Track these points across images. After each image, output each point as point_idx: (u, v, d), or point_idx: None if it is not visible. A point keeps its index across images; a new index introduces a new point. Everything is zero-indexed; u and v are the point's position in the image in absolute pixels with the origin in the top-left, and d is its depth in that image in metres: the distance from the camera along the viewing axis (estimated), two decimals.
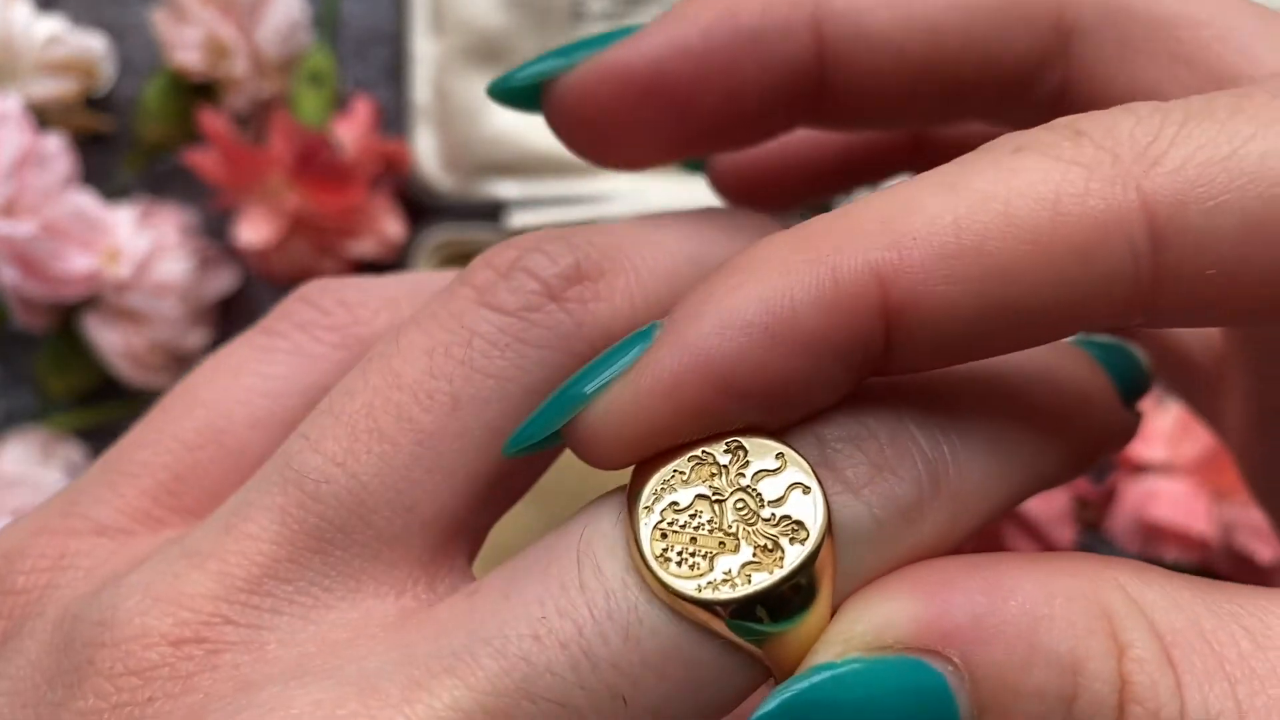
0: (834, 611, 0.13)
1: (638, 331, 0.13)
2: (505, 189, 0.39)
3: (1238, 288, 0.12)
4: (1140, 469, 0.35)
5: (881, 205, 0.13)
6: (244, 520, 0.14)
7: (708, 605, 0.12)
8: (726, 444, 0.13)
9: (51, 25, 0.39)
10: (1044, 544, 0.33)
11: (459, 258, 0.39)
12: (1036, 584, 0.12)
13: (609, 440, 0.13)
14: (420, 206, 0.40)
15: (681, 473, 0.13)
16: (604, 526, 0.13)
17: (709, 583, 0.12)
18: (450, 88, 0.39)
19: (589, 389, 0.13)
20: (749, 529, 0.13)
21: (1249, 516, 0.33)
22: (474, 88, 0.39)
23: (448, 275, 0.16)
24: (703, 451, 0.13)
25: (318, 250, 0.39)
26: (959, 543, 0.14)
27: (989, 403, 0.14)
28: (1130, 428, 0.16)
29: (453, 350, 0.14)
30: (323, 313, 0.16)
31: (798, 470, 0.13)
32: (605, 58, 0.16)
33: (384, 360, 0.14)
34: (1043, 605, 0.12)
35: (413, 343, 0.14)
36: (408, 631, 0.13)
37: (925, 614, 0.12)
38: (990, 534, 0.33)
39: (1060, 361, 0.15)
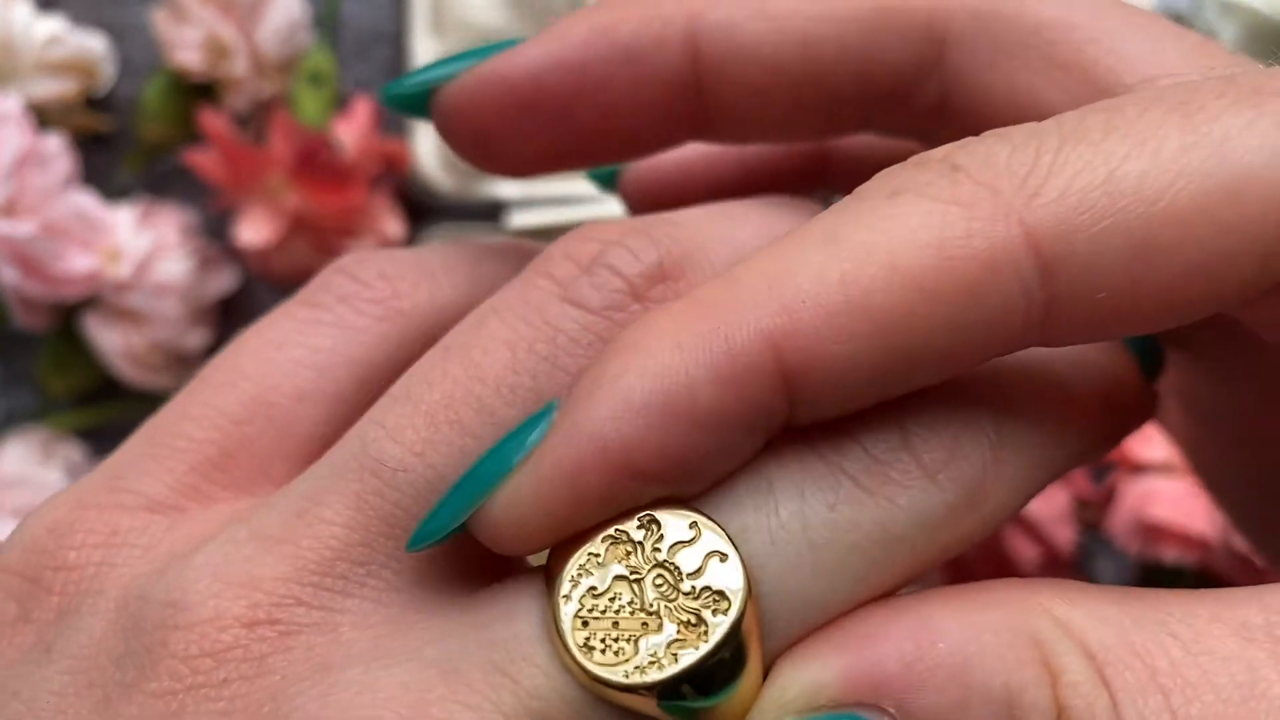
0: (767, 672, 0.12)
1: (536, 413, 0.13)
2: (504, 188, 0.39)
3: (1130, 306, 0.12)
4: (1139, 469, 0.35)
5: (767, 265, 0.13)
6: (317, 505, 0.14)
7: (635, 690, 0.12)
8: (639, 519, 0.13)
9: (52, 25, 0.39)
10: (1044, 544, 0.33)
11: None
12: (962, 622, 0.12)
13: (513, 532, 0.13)
14: (420, 206, 0.40)
15: (596, 554, 0.13)
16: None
17: (636, 667, 0.12)
18: None
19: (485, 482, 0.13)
20: (670, 605, 0.12)
21: None
22: None
23: (477, 246, 0.17)
24: (616, 530, 0.13)
25: (318, 250, 0.39)
26: (1000, 525, 0.14)
27: (1031, 387, 0.14)
28: (1151, 405, 0.16)
29: (536, 346, 0.14)
30: (364, 285, 0.16)
31: (714, 537, 0.12)
32: (485, 69, 0.16)
33: (464, 351, 0.14)
34: (971, 643, 0.12)
35: (494, 334, 0.14)
36: (481, 613, 0.13)
37: (855, 668, 0.12)
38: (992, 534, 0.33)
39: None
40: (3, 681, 0.14)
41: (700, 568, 0.12)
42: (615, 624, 0.12)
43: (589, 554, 0.13)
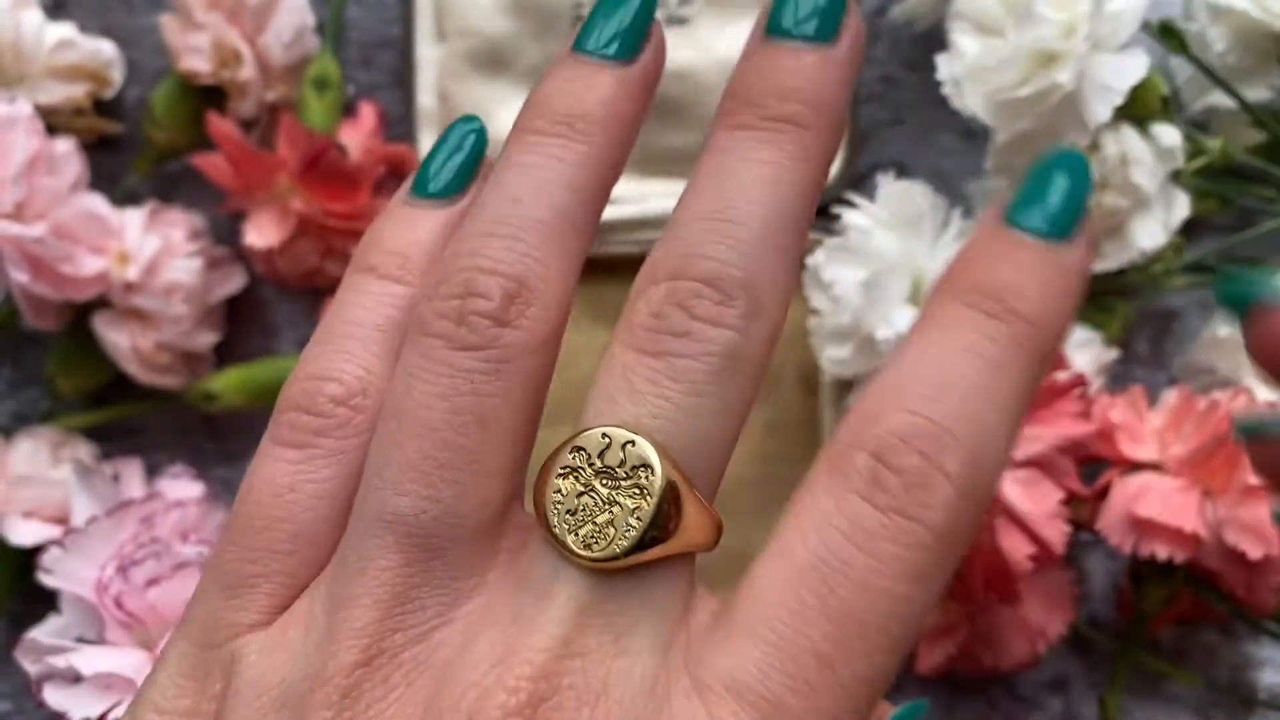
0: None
1: None
2: None
3: None
4: (1131, 468, 0.36)
5: None
6: (369, 561, 0.18)
7: (628, 551, 0.17)
8: (569, 449, 0.18)
9: (61, 30, 0.39)
10: (1036, 541, 0.33)
11: None
12: None
13: None
14: None
15: (558, 489, 0.18)
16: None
17: (620, 541, 0.17)
18: (453, 93, 0.39)
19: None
20: (618, 490, 0.18)
21: (1239, 514, 0.33)
22: (476, 93, 0.39)
23: (358, 327, 0.21)
24: (561, 467, 0.18)
25: (324, 252, 0.39)
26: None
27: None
28: None
29: (459, 387, 0.19)
30: (327, 415, 0.20)
31: (620, 433, 0.18)
32: None
33: (412, 415, 0.18)
34: None
35: (426, 394, 0.19)
36: (518, 575, 0.18)
37: None
38: (985, 531, 0.33)
39: None
40: None
41: (623, 458, 0.18)
42: (595, 525, 0.18)
43: (553, 492, 0.18)
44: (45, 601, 0.40)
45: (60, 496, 0.36)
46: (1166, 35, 0.37)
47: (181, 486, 0.38)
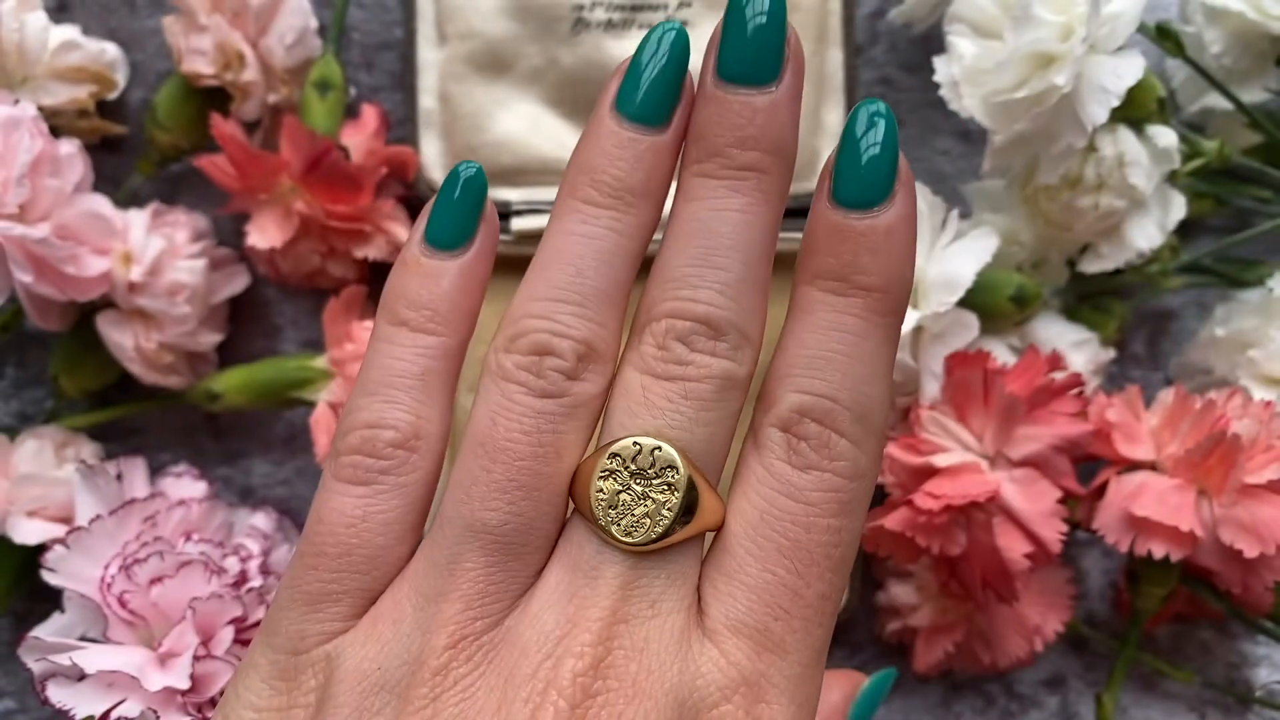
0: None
1: None
2: (508, 194, 0.40)
3: None
4: (1128, 467, 0.36)
5: None
6: (458, 563, 0.22)
7: (661, 537, 0.22)
8: (607, 457, 0.22)
9: (65, 32, 0.39)
10: (1033, 540, 0.34)
11: None
12: None
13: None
14: None
15: (600, 490, 0.22)
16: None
17: (656, 527, 0.22)
18: (454, 95, 0.40)
19: None
20: (651, 487, 0.22)
21: (1235, 513, 0.33)
22: (477, 95, 0.40)
23: (409, 367, 0.24)
24: (601, 470, 0.22)
25: (326, 253, 0.39)
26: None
27: None
28: None
29: (540, 420, 0.23)
30: (387, 457, 0.23)
31: (648, 442, 0.22)
32: None
33: (492, 444, 0.23)
34: None
35: (509, 429, 0.23)
36: (573, 573, 0.22)
37: None
38: (982, 530, 0.33)
39: None
40: None
41: (653, 461, 0.22)
42: (632, 514, 0.22)
43: (596, 492, 0.22)
44: (49, 600, 0.40)
45: (64, 496, 0.36)
46: (1163, 37, 0.37)
47: (184, 486, 0.38)
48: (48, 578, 0.33)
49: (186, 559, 0.33)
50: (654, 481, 0.22)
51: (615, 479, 0.22)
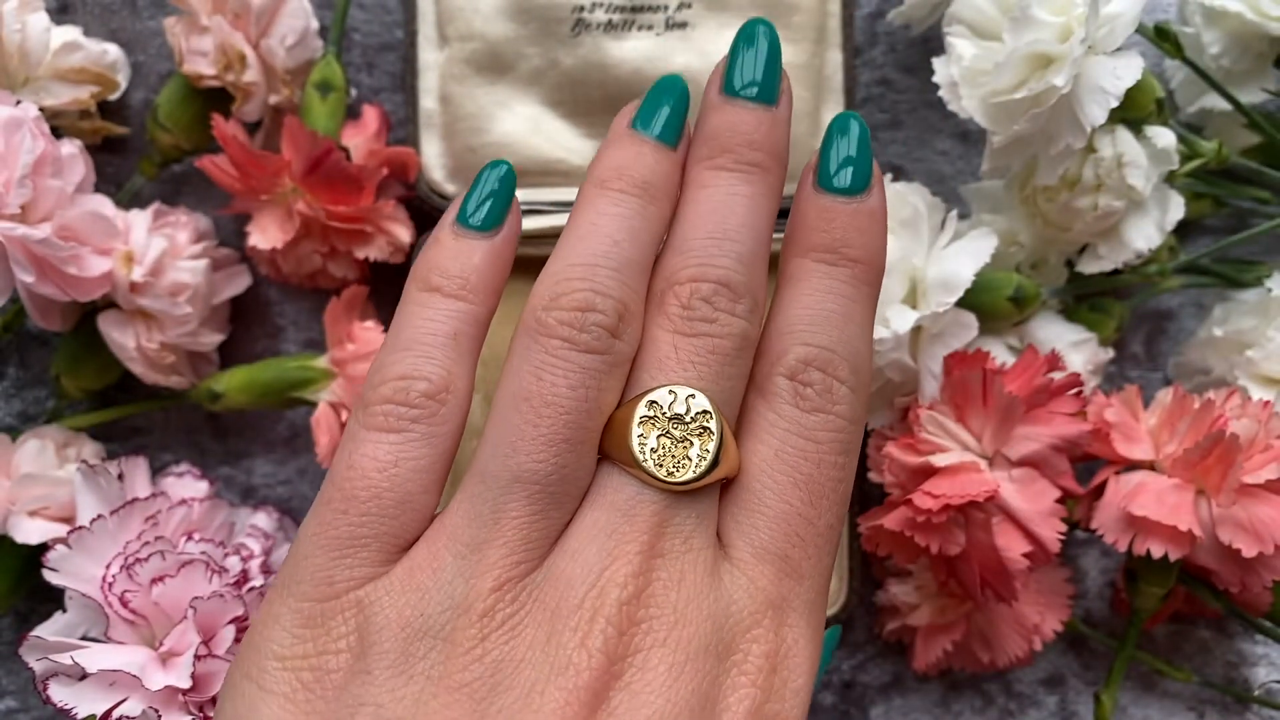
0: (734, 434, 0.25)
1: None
2: None
3: None
4: (1126, 467, 0.36)
5: None
6: (502, 511, 0.23)
7: (702, 478, 0.24)
8: (645, 404, 0.24)
9: (67, 33, 0.39)
10: (1032, 540, 0.34)
11: None
12: None
13: None
14: (426, 211, 0.41)
15: (642, 434, 0.24)
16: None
17: (694, 469, 0.24)
18: (455, 96, 0.40)
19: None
20: (688, 431, 0.24)
21: (1234, 512, 0.34)
22: (478, 96, 0.40)
23: (442, 325, 0.26)
24: (640, 416, 0.24)
25: (327, 254, 0.39)
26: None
27: None
28: None
29: (580, 372, 0.24)
30: (418, 405, 0.24)
31: (683, 390, 0.24)
32: None
33: (540, 398, 0.24)
34: None
35: (555, 381, 0.24)
36: (610, 512, 0.24)
37: None
38: (981, 529, 0.34)
39: None
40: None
41: (688, 408, 0.24)
42: (673, 456, 0.24)
43: (638, 438, 0.24)
44: (51, 599, 0.40)
45: (66, 495, 0.36)
46: (1162, 38, 0.37)
47: (186, 485, 0.38)
48: (49, 577, 0.33)
49: (188, 558, 0.33)
50: (690, 425, 0.24)
51: (655, 424, 0.24)
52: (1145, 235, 0.37)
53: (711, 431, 0.24)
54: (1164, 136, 0.35)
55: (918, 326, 0.36)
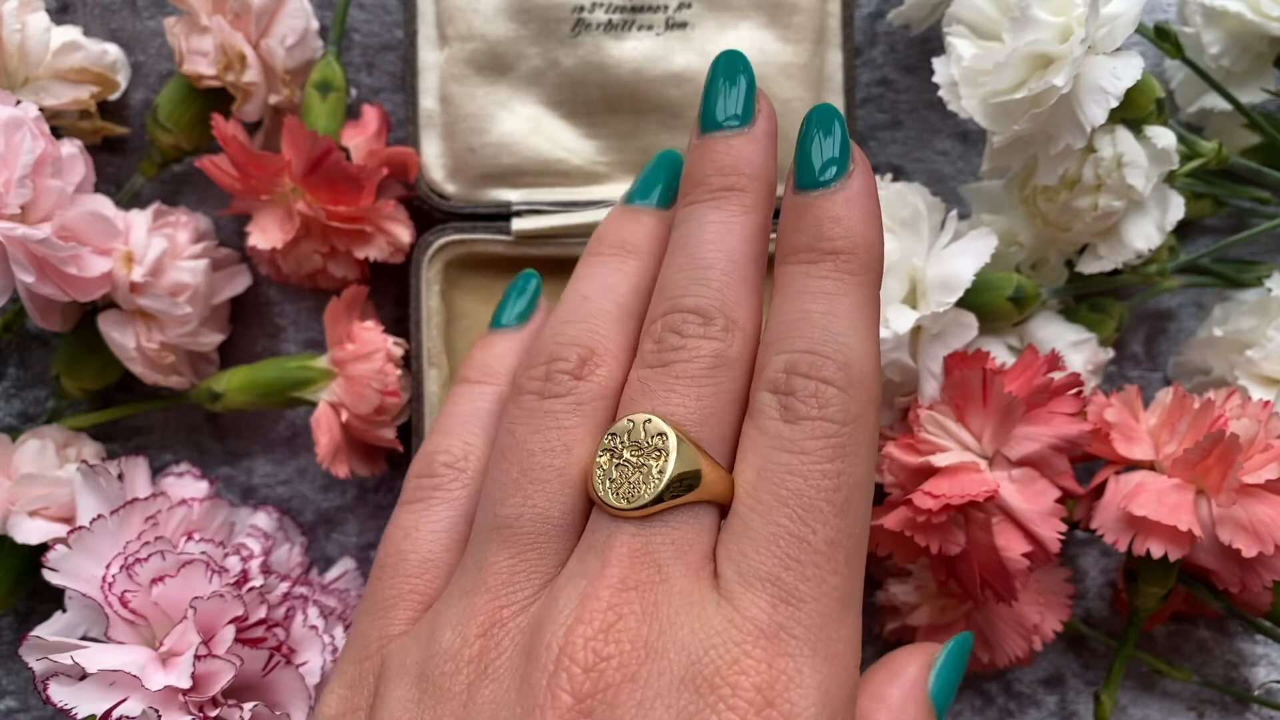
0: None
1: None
2: (508, 195, 0.40)
3: None
4: (1126, 466, 0.36)
5: None
6: (484, 559, 0.24)
7: (658, 500, 0.23)
8: (607, 438, 0.24)
9: (67, 33, 0.39)
10: (1032, 540, 0.34)
11: (462, 259, 0.40)
12: None
13: None
14: (427, 211, 0.41)
15: (600, 464, 0.24)
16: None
17: (648, 494, 0.23)
18: (455, 96, 0.40)
19: None
20: (643, 456, 0.23)
21: (1233, 512, 0.34)
22: (478, 96, 0.40)
23: (469, 403, 0.30)
24: (600, 450, 0.24)
25: (327, 254, 0.39)
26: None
27: None
28: None
29: (555, 422, 0.25)
30: (441, 476, 0.27)
31: (641, 416, 0.24)
32: None
33: (516, 453, 0.25)
34: None
35: (526, 434, 0.26)
36: (587, 552, 0.24)
37: None
38: (981, 529, 0.34)
39: None
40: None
41: (644, 433, 0.24)
42: (629, 481, 0.23)
43: (597, 469, 0.24)
44: (51, 599, 0.40)
45: (66, 495, 0.36)
46: (1162, 38, 0.37)
47: (186, 485, 0.38)
48: (49, 577, 0.33)
49: (188, 558, 0.33)
50: (646, 449, 0.23)
51: (613, 454, 0.24)
52: (1145, 235, 0.37)
53: (667, 451, 0.23)
54: (1164, 136, 0.35)
55: (918, 326, 0.36)
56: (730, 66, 0.27)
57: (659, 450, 0.23)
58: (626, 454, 0.23)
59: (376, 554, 0.27)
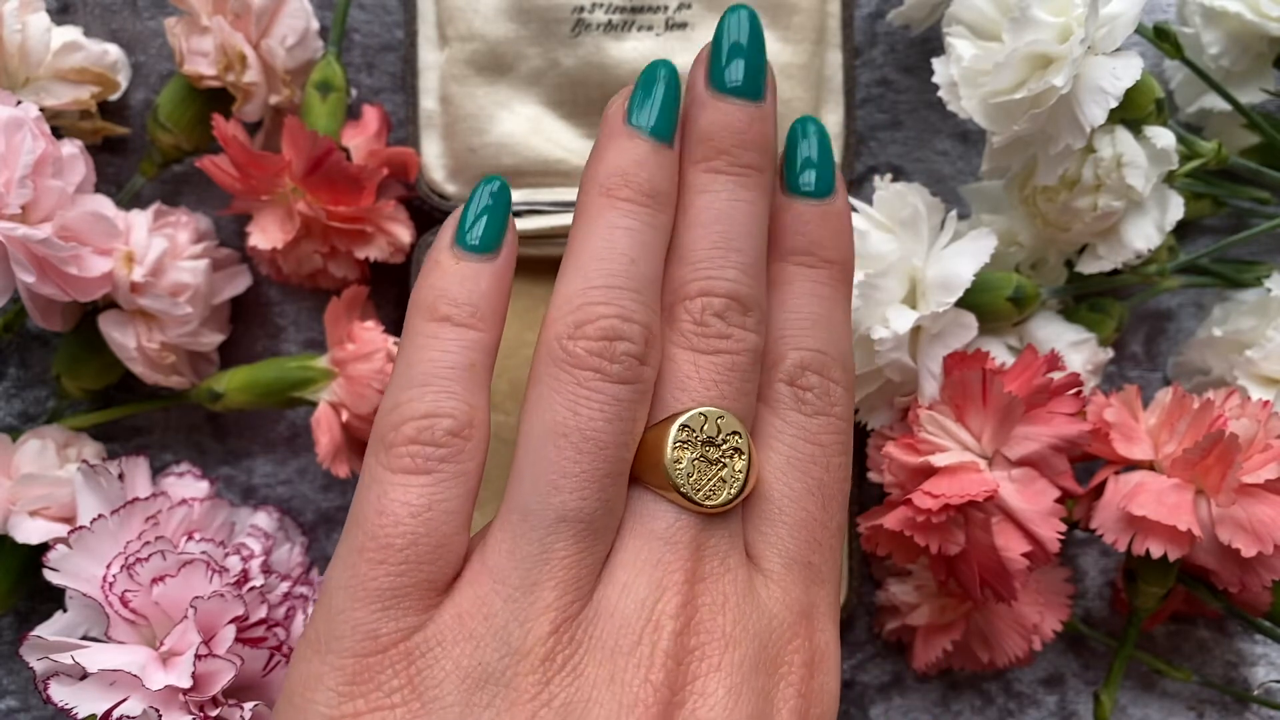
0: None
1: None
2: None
3: None
4: (1126, 466, 0.36)
5: None
6: (550, 551, 0.23)
7: (735, 500, 0.24)
8: (677, 427, 0.24)
9: (67, 33, 0.40)
10: (1032, 540, 0.34)
11: None
12: None
13: None
14: (427, 211, 0.41)
15: (677, 459, 0.24)
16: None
17: (728, 492, 0.24)
18: (455, 97, 0.40)
19: None
20: (722, 452, 0.24)
21: (1233, 512, 0.34)
22: (478, 96, 0.40)
23: (454, 360, 0.25)
24: (674, 441, 0.24)
25: (327, 254, 0.39)
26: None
27: None
28: None
29: (611, 402, 0.24)
30: (445, 445, 0.24)
31: (712, 410, 0.24)
32: None
33: (579, 434, 0.24)
34: None
35: (594, 416, 0.24)
36: (650, 540, 0.24)
37: None
38: (981, 529, 0.34)
39: None
40: None
41: (719, 430, 0.24)
42: (709, 479, 0.24)
43: (674, 463, 0.24)
44: (51, 599, 0.40)
45: (67, 495, 0.36)
46: (1161, 39, 0.37)
47: (187, 485, 0.38)
48: (50, 577, 0.33)
49: (188, 558, 0.33)
50: (723, 448, 0.24)
51: (689, 449, 0.24)
52: (1145, 235, 0.37)
53: (743, 452, 0.24)
54: (1163, 137, 0.35)
55: (917, 326, 0.36)
56: (745, 25, 0.26)
57: (735, 450, 0.24)
58: (704, 451, 0.24)
59: (360, 524, 0.24)
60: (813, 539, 0.25)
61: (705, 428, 0.24)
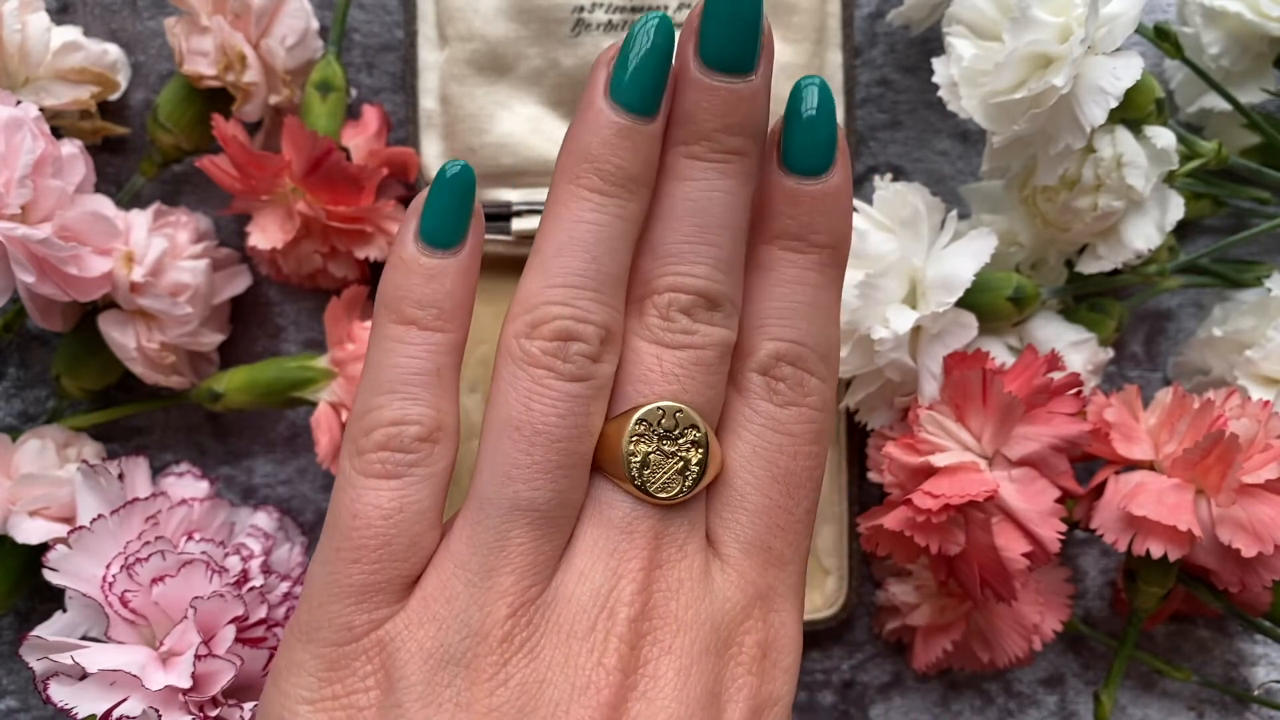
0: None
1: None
2: (508, 195, 0.40)
3: None
4: (1126, 466, 0.36)
5: None
6: (506, 539, 0.24)
7: (688, 491, 0.25)
8: (634, 422, 0.24)
9: (67, 33, 0.40)
10: (1032, 540, 0.34)
11: None
12: None
13: None
14: None
15: (633, 453, 0.24)
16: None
17: (682, 485, 0.25)
18: (455, 96, 0.40)
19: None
20: (679, 446, 0.24)
21: (1233, 512, 0.34)
22: (478, 96, 0.40)
23: (415, 362, 0.25)
24: (630, 434, 0.24)
25: (327, 254, 0.39)
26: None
27: None
28: None
29: (565, 396, 0.24)
30: (413, 450, 0.25)
31: (670, 404, 0.24)
32: None
33: (531, 428, 0.24)
34: None
35: (546, 411, 0.24)
36: (608, 529, 0.25)
37: None
38: (981, 529, 0.34)
39: None
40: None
41: (676, 423, 0.24)
42: (665, 472, 0.24)
43: (629, 455, 0.24)
44: (51, 599, 0.40)
45: (67, 495, 0.36)
46: (1161, 39, 0.37)
47: (187, 485, 0.38)
48: (50, 577, 0.33)
49: (188, 558, 0.33)
50: (680, 441, 0.24)
51: (645, 442, 0.24)
52: (1145, 235, 0.37)
53: (700, 445, 0.25)
54: (1163, 137, 0.35)
55: (917, 326, 0.36)
56: None
57: (692, 443, 0.25)
58: (660, 444, 0.24)
59: (337, 525, 0.25)
60: (774, 524, 0.25)
61: (663, 421, 0.24)
